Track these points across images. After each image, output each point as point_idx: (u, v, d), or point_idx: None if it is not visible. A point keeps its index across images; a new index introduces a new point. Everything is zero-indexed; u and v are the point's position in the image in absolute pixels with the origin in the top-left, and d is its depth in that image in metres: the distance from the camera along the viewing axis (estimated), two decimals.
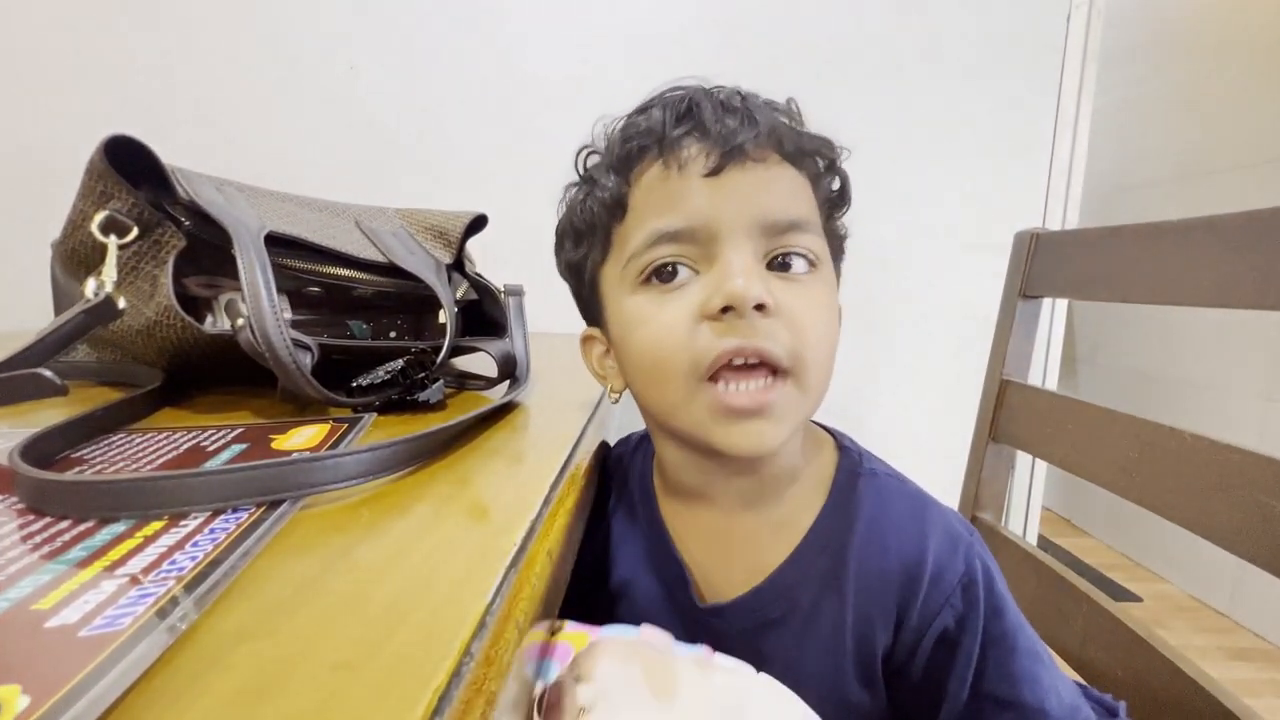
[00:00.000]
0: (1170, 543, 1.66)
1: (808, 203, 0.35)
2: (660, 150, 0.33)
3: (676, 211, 0.33)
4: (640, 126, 0.34)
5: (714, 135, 0.32)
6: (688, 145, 0.33)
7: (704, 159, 0.32)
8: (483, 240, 0.57)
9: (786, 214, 0.33)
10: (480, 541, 0.23)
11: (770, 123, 0.33)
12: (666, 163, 0.33)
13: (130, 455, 0.29)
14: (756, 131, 0.32)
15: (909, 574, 0.34)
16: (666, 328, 0.32)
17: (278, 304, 0.36)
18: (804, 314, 0.32)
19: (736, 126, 0.32)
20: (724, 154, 0.32)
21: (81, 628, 0.16)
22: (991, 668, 0.33)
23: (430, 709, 0.13)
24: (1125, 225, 0.53)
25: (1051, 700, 0.33)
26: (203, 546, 0.20)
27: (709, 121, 0.33)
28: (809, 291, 0.33)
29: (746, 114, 0.33)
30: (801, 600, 0.35)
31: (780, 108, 0.36)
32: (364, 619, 0.17)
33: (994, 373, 0.65)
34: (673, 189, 0.33)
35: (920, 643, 0.34)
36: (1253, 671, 1.29)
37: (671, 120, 0.33)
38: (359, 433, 0.34)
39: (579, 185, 0.39)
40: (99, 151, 0.37)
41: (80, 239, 0.38)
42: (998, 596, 0.34)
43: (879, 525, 0.35)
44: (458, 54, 1.02)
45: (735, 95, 0.35)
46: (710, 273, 0.32)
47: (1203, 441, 0.43)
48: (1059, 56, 1.00)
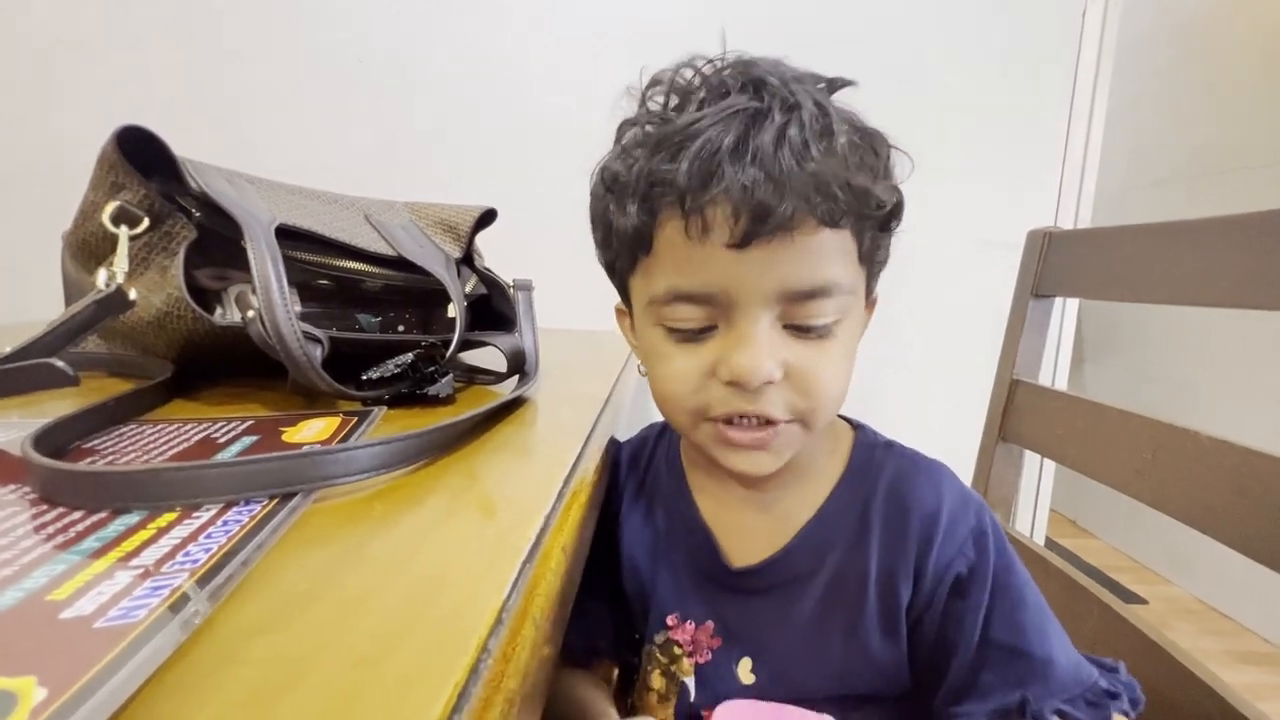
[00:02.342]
0: (1177, 545, 1.65)
1: (843, 261, 0.32)
2: (683, 209, 0.30)
3: (696, 276, 0.31)
4: (664, 176, 0.30)
5: (743, 202, 0.29)
6: (712, 210, 0.29)
7: (729, 226, 0.29)
8: (492, 235, 0.57)
9: (813, 281, 0.31)
10: (494, 537, 0.22)
11: (814, 184, 0.29)
12: (689, 226, 0.30)
13: (142, 446, 0.29)
14: (792, 204, 0.29)
15: (926, 527, 0.36)
16: (678, 376, 0.34)
17: (289, 296, 0.36)
18: (816, 374, 0.32)
19: (769, 197, 0.28)
20: (751, 226, 0.29)
21: (97, 619, 0.15)
22: (1000, 616, 0.35)
23: (449, 706, 0.13)
24: (1139, 224, 0.52)
25: (1058, 653, 0.34)
26: (216, 539, 0.20)
27: (739, 184, 0.28)
28: (826, 351, 0.32)
29: (787, 174, 0.28)
30: (829, 558, 0.37)
31: (840, 150, 0.30)
32: (381, 614, 0.17)
33: (1004, 372, 0.65)
34: (694, 253, 0.31)
35: (936, 591, 0.36)
36: (1261, 675, 1.29)
37: (698, 181, 0.29)
38: (369, 426, 0.34)
39: (605, 190, 0.35)
40: (111, 142, 0.37)
41: (91, 230, 0.38)
42: (1007, 554, 0.36)
43: (898, 486, 0.37)
44: (467, 47, 1.02)
45: (780, 138, 0.29)
46: (726, 334, 0.32)
47: (1219, 444, 0.42)
48: (1074, 53, 0.99)
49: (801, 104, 0.30)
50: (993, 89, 1.01)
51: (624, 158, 0.33)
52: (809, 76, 0.33)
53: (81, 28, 1.00)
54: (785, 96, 0.30)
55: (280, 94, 1.02)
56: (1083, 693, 0.34)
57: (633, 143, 0.33)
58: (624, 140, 0.35)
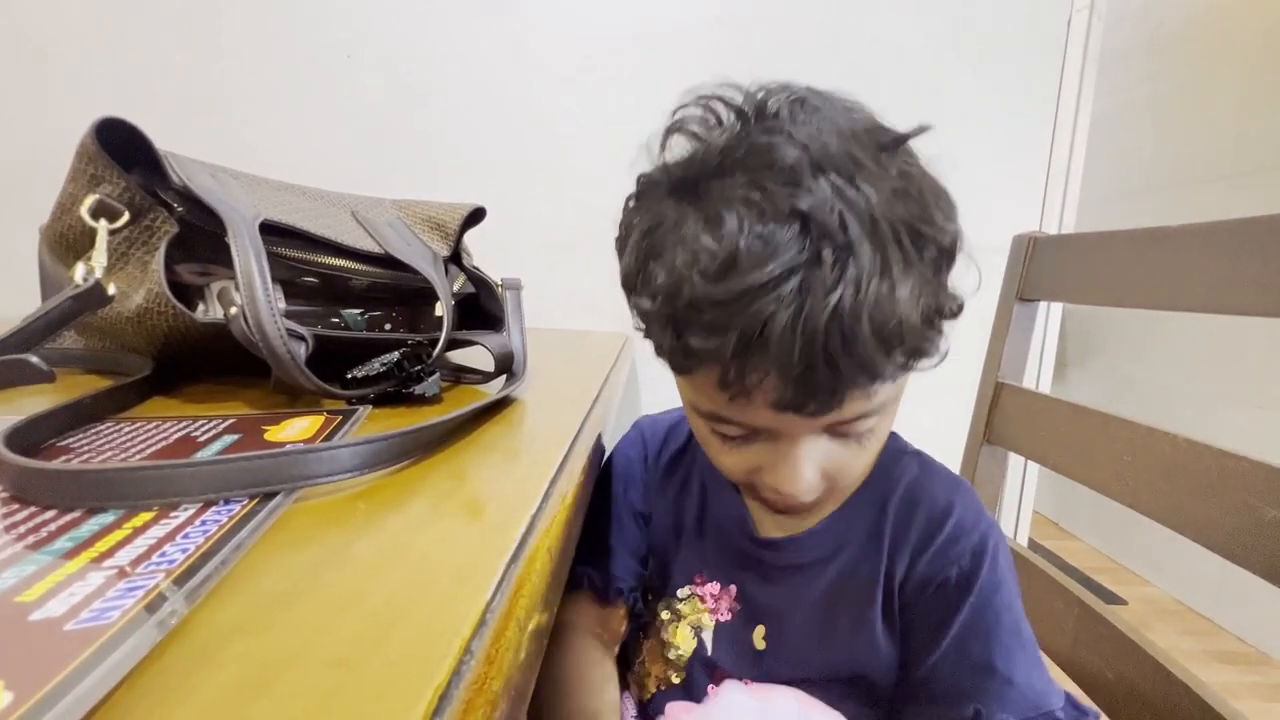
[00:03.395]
0: (1155, 546, 1.68)
1: (889, 389, 0.30)
2: (724, 379, 0.27)
3: (737, 415, 0.30)
4: (704, 351, 0.27)
5: (787, 385, 0.27)
6: (756, 382, 0.27)
7: (779, 394, 0.27)
8: (480, 233, 0.56)
9: (864, 410, 0.30)
10: (479, 537, 0.22)
11: (863, 368, 0.26)
12: (731, 392, 0.28)
13: (119, 444, 0.29)
14: (842, 387, 0.27)
15: (929, 528, 0.38)
16: (723, 466, 0.34)
17: (272, 293, 0.36)
18: (850, 470, 0.33)
19: (816, 383, 0.26)
20: (797, 402, 0.27)
21: (67, 621, 0.15)
22: (974, 630, 0.35)
23: (431, 708, 0.13)
24: (1122, 230, 0.53)
25: (1021, 676, 0.34)
26: (194, 539, 0.20)
27: (785, 368, 0.26)
28: (864, 448, 0.33)
29: (837, 357, 0.25)
30: (846, 548, 0.39)
31: (898, 309, 0.26)
32: (362, 615, 0.16)
33: (989, 375, 0.65)
34: (736, 404, 0.29)
35: (923, 591, 0.37)
36: (1235, 675, 1.31)
37: (741, 360, 0.26)
38: (353, 425, 0.34)
39: (634, 271, 0.31)
40: (89, 134, 0.36)
41: (69, 223, 0.38)
42: (999, 575, 0.37)
43: (914, 491, 0.39)
44: (459, 44, 1.01)
45: (834, 316, 0.25)
46: (770, 444, 0.31)
47: (1196, 446, 0.43)
48: (1059, 59, 1.01)
49: (853, 243, 0.25)
50: (979, 94, 1.02)
51: (666, 268, 0.28)
52: (866, 139, 0.28)
53: (67, 20, 0.98)
54: (835, 231, 0.25)
55: (267, 89, 1.01)
56: (1035, 716, 0.34)
57: (671, 255, 0.28)
58: (662, 224, 0.29)
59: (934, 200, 0.29)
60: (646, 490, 0.46)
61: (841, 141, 0.27)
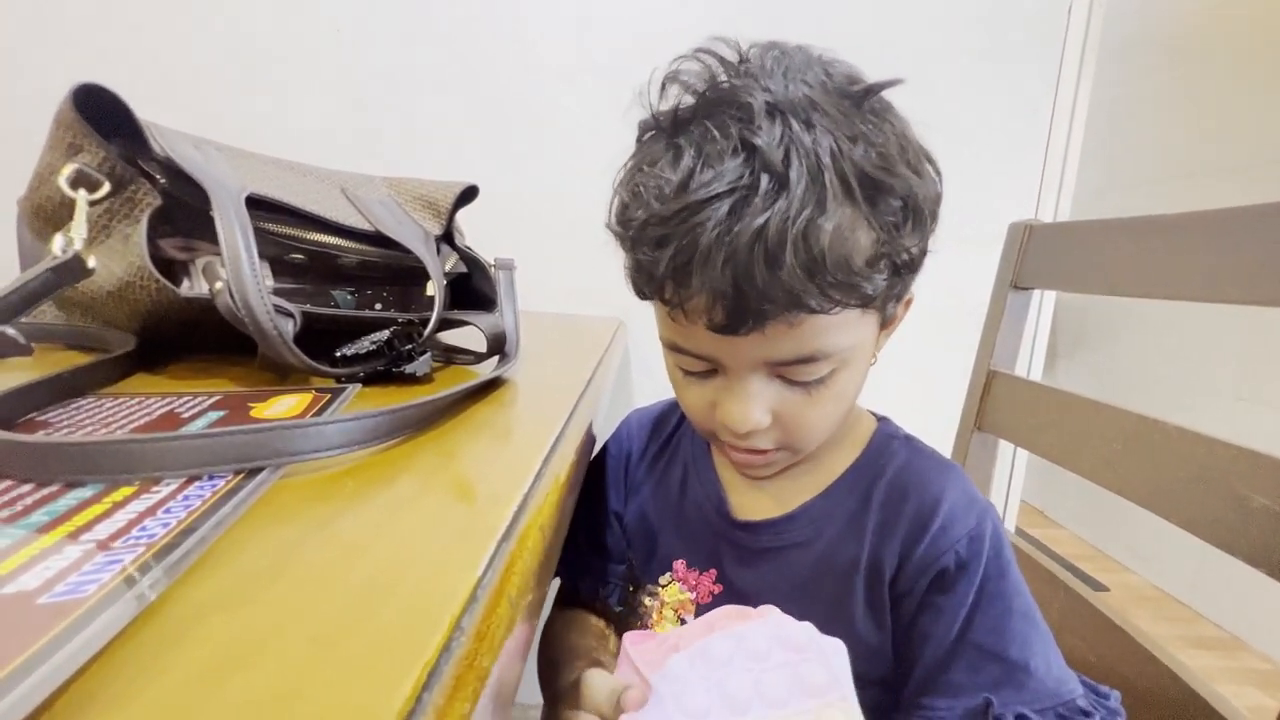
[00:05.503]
0: (1137, 535, 1.71)
1: (839, 327, 0.31)
2: (664, 298, 0.31)
3: (686, 342, 0.33)
4: (648, 266, 0.30)
5: (717, 303, 0.29)
6: (690, 303, 0.30)
7: (710, 314, 0.29)
8: (473, 212, 0.55)
9: (799, 353, 0.31)
10: (469, 515, 0.22)
11: (785, 292, 0.28)
12: (671, 311, 0.31)
13: (100, 420, 0.28)
14: (767, 307, 0.28)
15: (921, 516, 0.36)
16: (689, 405, 0.37)
17: (259, 267, 0.35)
18: (802, 419, 0.34)
19: (740, 302, 0.28)
20: (727, 322, 0.29)
21: (40, 595, 0.15)
22: (983, 619, 0.34)
23: (419, 684, 0.13)
24: (1118, 219, 0.53)
25: (1038, 662, 0.34)
26: (176, 513, 0.19)
27: (712, 289, 0.28)
28: (816, 399, 0.33)
29: (759, 281, 0.27)
30: (826, 532, 0.39)
31: (822, 244, 0.27)
32: (346, 591, 0.16)
33: (982, 363, 0.65)
34: (680, 326, 0.32)
35: (918, 581, 0.36)
36: (1212, 659, 1.34)
37: (676, 279, 0.29)
38: (342, 403, 0.33)
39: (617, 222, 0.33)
40: (67, 100, 0.35)
41: (47, 194, 0.36)
42: (1002, 559, 0.36)
43: (903, 476, 0.38)
44: (450, 17, 0.99)
45: (757, 237, 0.27)
46: (722, 380, 0.34)
47: (1185, 435, 0.43)
48: (1058, 49, 1.00)
49: (791, 178, 0.27)
50: (979, 82, 1.01)
51: (631, 193, 0.32)
52: (835, 90, 0.30)
53: None
54: (776, 164, 0.27)
55: (249, 61, 0.98)
56: (1055, 705, 0.33)
57: (638, 183, 0.31)
58: (640, 161, 0.33)
59: (902, 155, 0.30)
60: (624, 489, 0.47)
61: (808, 90, 0.29)
